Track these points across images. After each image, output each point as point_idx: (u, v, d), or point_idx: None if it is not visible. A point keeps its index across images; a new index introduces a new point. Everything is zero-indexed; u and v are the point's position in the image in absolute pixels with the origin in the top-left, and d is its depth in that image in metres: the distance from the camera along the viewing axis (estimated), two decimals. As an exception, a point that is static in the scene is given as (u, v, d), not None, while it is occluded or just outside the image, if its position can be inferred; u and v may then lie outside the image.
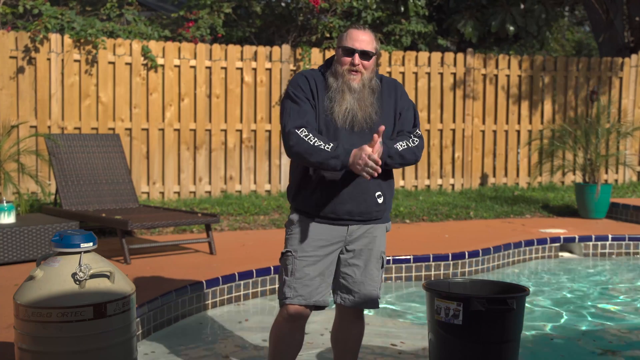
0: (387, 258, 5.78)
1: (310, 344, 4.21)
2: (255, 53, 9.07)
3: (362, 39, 3.06)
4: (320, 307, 3.13)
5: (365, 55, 3.06)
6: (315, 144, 2.91)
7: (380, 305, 5.11)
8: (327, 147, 2.90)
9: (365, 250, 3.15)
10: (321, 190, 3.06)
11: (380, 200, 3.11)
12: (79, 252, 2.92)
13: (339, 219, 3.08)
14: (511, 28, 10.89)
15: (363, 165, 2.83)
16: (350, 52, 3.05)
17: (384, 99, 3.13)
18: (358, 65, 3.05)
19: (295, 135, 2.94)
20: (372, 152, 2.84)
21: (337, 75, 3.07)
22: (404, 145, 3.07)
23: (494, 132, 10.10)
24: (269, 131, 9.11)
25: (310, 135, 2.94)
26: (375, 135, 2.88)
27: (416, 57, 9.74)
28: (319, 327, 4.51)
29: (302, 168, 3.09)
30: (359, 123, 3.04)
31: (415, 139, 3.13)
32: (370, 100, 3.07)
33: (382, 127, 2.91)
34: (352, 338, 3.32)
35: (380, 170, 2.86)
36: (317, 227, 3.09)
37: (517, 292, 3.38)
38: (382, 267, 3.23)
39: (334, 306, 3.32)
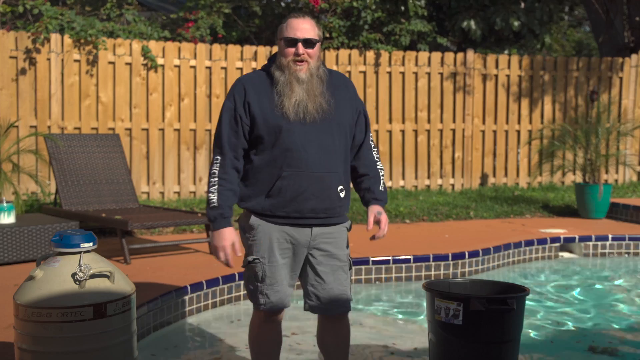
0: (387, 258, 5.79)
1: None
2: (255, 53, 9.07)
3: (303, 27, 2.95)
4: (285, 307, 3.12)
5: (308, 43, 2.96)
6: (213, 189, 3.14)
7: (379, 306, 5.13)
8: (213, 199, 3.12)
9: (329, 255, 3.07)
10: (283, 188, 2.96)
11: (342, 195, 3.04)
12: (79, 252, 2.91)
13: (302, 217, 2.98)
14: (515, 23, 10.87)
15: (219, 256, 3.05)
16: (293, 42, 2.95)
17: (335, 89, 3.06)
18: (303, 54, 2.95)
19: (215, 165, 3.16)
20: (235, 251, 3.03)
21: (283, 68, 2.97)
22: (382, 181, 3.19)
23: (494, 132, 10.10)
24: (269, 131, 9.10)
25: (222, 179, 3.13)
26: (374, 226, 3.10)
27: (416, 57, 9.73)
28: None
29: (261, 168, 3.01)
30: (310, 114, 2.95)
31: (377, 153, 3.22)
32: (320, 89, 2.98)
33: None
34: (339, 341, 3.22)
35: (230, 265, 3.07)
36: (280, 229, 3.01)
37: (517, 292, 3.38)
38: (350, 268, 3.15)
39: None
